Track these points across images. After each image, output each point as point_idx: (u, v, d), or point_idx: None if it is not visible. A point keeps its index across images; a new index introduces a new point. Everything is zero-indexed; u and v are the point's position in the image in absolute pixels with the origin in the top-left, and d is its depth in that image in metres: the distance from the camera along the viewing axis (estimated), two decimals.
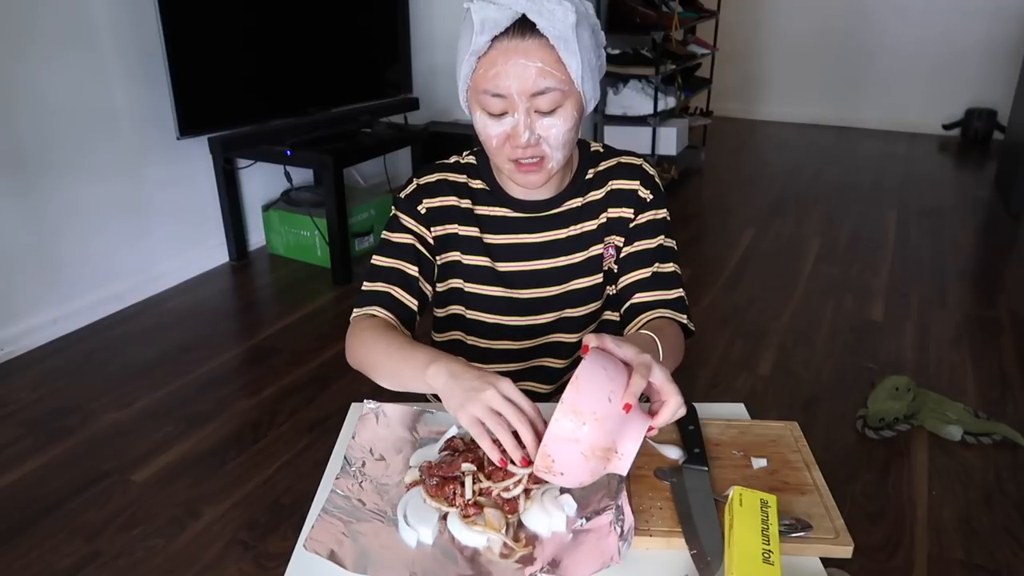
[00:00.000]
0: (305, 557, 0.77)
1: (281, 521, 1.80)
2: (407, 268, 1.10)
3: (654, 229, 1.13)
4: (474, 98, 1.00)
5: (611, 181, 1.13)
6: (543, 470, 0.79)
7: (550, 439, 0.77)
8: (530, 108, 0.96)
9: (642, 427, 0.80)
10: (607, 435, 0.77)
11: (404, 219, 1.12)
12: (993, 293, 3.08)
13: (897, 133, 5.63)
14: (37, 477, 1.96)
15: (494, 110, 0.98)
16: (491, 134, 1.00)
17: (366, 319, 1.07)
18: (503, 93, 0.95)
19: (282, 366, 2.47)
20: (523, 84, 0.94)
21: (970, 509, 1.85)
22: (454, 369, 0.88)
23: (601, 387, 0.77)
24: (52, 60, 2.49)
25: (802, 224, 3.81)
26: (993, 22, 5.23)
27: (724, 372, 2.45)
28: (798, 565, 0.78)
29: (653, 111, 4.01)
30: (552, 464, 0.78)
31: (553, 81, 0.95)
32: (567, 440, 0.76)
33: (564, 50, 0.94)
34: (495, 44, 0.94)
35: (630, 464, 0.80)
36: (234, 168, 3.18)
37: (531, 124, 0.97)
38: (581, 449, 0.77)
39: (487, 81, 0.96)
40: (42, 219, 2.57)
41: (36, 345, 2.58)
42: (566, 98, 0.97)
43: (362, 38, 3.41)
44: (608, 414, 0.77)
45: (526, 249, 1.13)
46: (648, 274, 1.11)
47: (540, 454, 0.78)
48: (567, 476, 0.79)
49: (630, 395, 0.77)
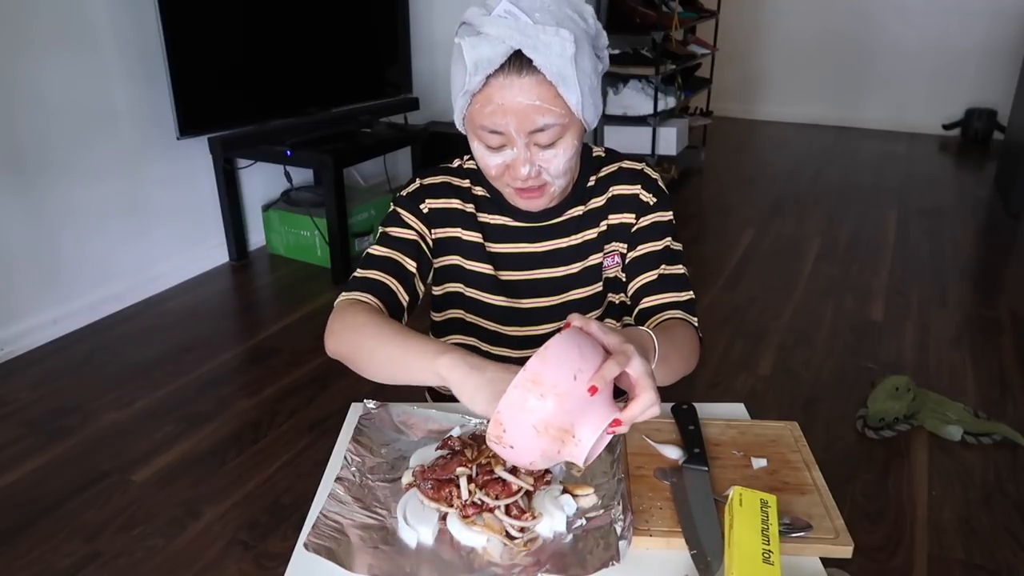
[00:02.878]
0: (305, 557, 0.77)
1: (281, 521, 1.80)
2: (405, 262, 1.06)
3: (660, 231, 1.10)
4: (471, 130, 0.97)
5: (612, 187, 1.11)
6: (493, 439, 0.74)
7: (504, 405, 0.72)
8: (529, 143, 0.94)
9: (606, 415, 0.74)
10: (565, 414, 0.72)
11: (406, 215, 1.09)
12: (993, 293, 3.08)
13: (897, 133, 5.63)
14: (37, 477, 1.96)
15: (492, 144, 0.95)
16: (490, 164, 0.98)
17: (353, 303, 1.00)
18: (501, 131, 0.93)
19: (282, 366, 2.47)
20: (521, 123, 0.92)
21: (970, 509, 1.85)
22: (473, 362, 0.81)
23: (569, 362, 0.72)
24: (52, 59, 2.49)
25: (802, 224, 3.81)
26: (993, 22, 5.23)
27: (724, 372, 2.45)
28: (798, 565, 0.78)
29: (653, 111, 4.01)
30: (503, 434, 0.73)
31: (552, 117, 0.92)
32: (521, 410, 0.72)
33: (562, 86, 0.90)
34: (490, 82, 0.90)
35: (587, 454, 0.74)
36: (234, 168, 3.18)
37: (531, 157, 0.95)
38: (534, 422, 0.72)
39: (484, 118, 0.93)
40: (42, 219, 2.57)
41: (36, 345, 2.58)
42: (566, 130, 0.95)
43: (362, 38, 3.41)
44: (570, 391, 0.71)
45: (528, 259, 1.11)
46: (655, 276, 1.07)
47: (493, 421, 0.73)
48: (517, 451, 0.74)
49: (599, 378, 0.73)
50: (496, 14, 0.89)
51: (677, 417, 1.00)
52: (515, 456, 0.75)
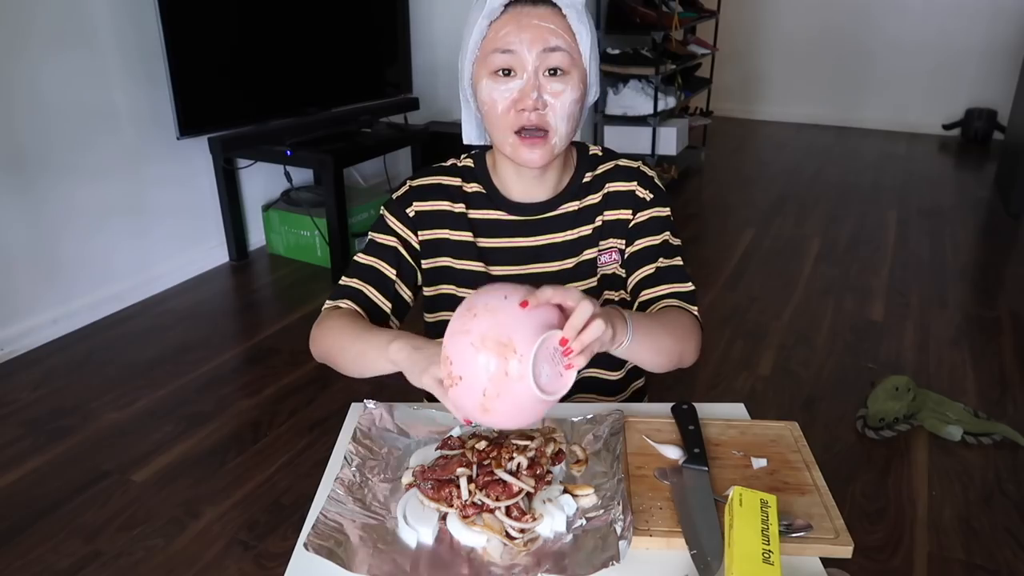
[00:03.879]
0: (305, 557, 0.77)
1: (281, 521, 1.80)
2: (385, 269, 1.10)
3: (657, 226, 1.11)
4: (481, 64, 0.99)
5: (608, 184, 1.12)
6: (445, 377, 0.76)
7: (446, 338, 0.75)
8: (539, 68, 0.96)
9: (542, 323, 0.74)
10: (499, 327, 0.73)
11: (390, 220, 1.12)
12: (993, 293, 3.08)
13: (897, 133, 5.63)
14: (37, 477, 1.96)
15: (503, 65, 0.97)
16: (497, 99, 0.99)
17: (336, 311, 1.07)
18: (514, 49, 0.96)
19: (282, 366, 2.47)
20: (534, 40, 0.95)
21: (970, 509, 1.85)
22: (417, 343, 0.88)
23: (500, 289, 0.76)
24: (52, 59, 2.49)
25: (802, 224, 3.81)
26: (993, 22, 5.23)
27: (724, 372, 2.45)
28: (798, 565, 0.78)
29: (653, 111, 4.00)
30: (451, 368, 0.75)
31: (563, 43, 0.96)
32: (460, 333, 0.74)
33: (575, 19, 0.97)
34: (508, 9, 0.96)
35: (531, 369, 0.72)
36: (234, 168, 3.18)
37: (539, 85, 0.97)
38: (471, 340, 0.73)
39: (498, 40, 0.97)
40: (42, 219, 2.57)
41: (36, 345, 2.58)
42: (573, 66, 0.98)
43: (362, 38, 3.41)
44: (501, 307, 0.74)
45: (521, 253, 1.12)
46: (653, 269, 1.09)
47: (441, 361, 0.76)
48: (466, 380, 0.74)
49: (529, 294, 0.75)
50: None
51: (677, 417, 1.00)
52: (465, 390, 0.75)
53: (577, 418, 1.00)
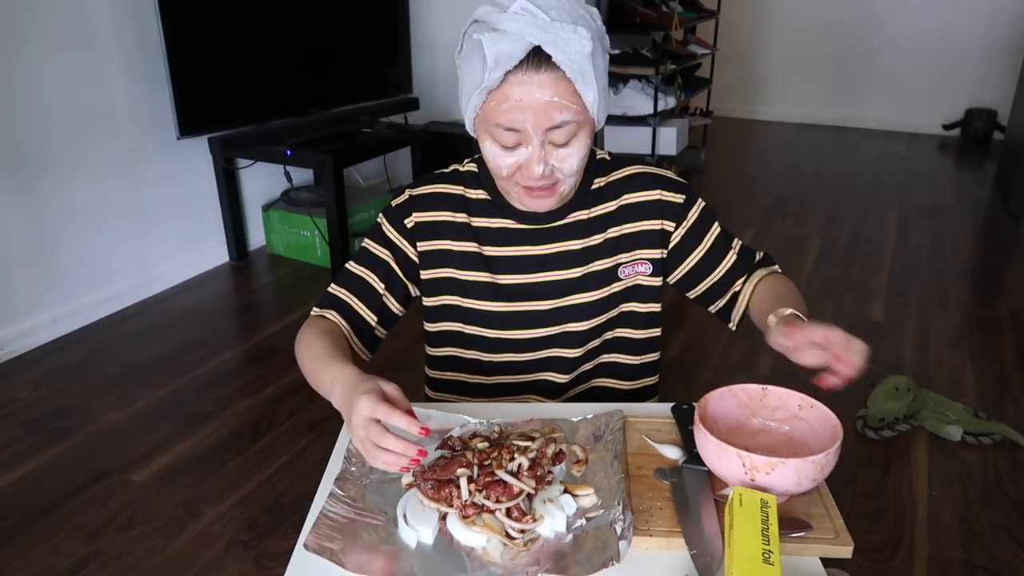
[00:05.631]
0: (305, 557, 0.77)
1: (281, 521, 1.80)
2: (374, 282, 1.08)
3: (708, 220, 1.13)
4: (483, 128, 0.96)
5: (624, 195, 1.10)
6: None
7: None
8: (544, 141, 0.94)
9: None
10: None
11: (387, 230, 1.09)
12: (993, 293, 3.08)
13: (897, 133, 5.63)
14: (37, 477, 1.96)
15: (507, 143, 0.95)
16: (502, 164, 0.97)
17: (319, 320, 1.07)
18: (517, 128, 0.92)
19: (282, 366, 2.47)
20: (538, 119, 0.91)
21: (970, 509, 1.85)
22: (338, 400, 0.88)
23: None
24: (52, 59, 2.49)
25: (802, 224, 3.81)
26: (993, 22, 5.23)
27: (724, 372, 2.45)
28: (798, 565, 0.78)
29: (653, 111, 4.00)
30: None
31: (569, 114, 0.92)
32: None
33: (580, 83, 0.91)
34: (508, 78, 0.90)
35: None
36: (234, 168, 3.18)
37: (545, 156, 0.94)
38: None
39: (499, 115, 0.92)
40: (42, 219, 2.56)
41: (36, 345, 2.58)
42: (581, 128, 0.95)
43: (362, 38, 3.41)
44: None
45: (529, 261, 1.10)
46: (734, 256, 1.14)
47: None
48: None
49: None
50: (513, 11, 0.89)
51: (677, 417, 1.00)
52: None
53: (577, 418, 1.00)
